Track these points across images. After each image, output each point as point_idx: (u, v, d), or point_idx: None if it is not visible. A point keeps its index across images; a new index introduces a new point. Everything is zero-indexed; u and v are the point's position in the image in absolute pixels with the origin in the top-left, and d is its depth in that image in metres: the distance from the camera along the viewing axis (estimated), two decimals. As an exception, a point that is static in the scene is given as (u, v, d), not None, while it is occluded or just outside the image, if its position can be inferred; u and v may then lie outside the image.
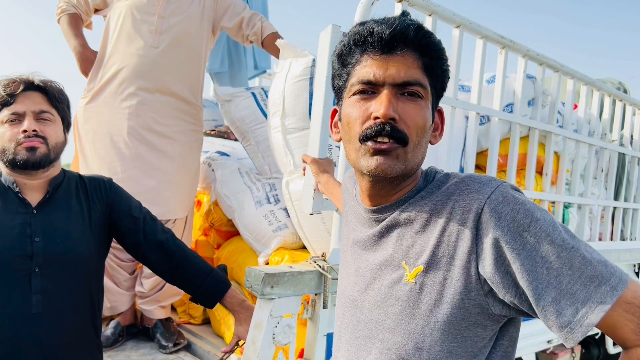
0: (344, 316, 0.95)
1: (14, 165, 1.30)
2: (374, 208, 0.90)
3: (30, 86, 1.34)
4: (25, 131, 1.29)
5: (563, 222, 2.79)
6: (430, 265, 0.80)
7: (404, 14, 0.85)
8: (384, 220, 0.89)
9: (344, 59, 0.87)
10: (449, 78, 0.88)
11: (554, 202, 2.71)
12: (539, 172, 2.71)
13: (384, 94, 0.80)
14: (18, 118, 1.31)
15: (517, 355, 1.68)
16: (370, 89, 0.82)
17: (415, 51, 0.81)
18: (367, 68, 0.82)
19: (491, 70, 2.56)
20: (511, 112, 2.45)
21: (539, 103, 2.54)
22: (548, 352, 3.05)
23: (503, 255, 0.75)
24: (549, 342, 2.75)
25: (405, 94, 0.81)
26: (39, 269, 1.27)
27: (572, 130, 2.76)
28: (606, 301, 0.70)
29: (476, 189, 0.79)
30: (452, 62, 2.04)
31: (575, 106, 2.96)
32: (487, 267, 0.76)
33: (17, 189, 1.32)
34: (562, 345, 3.18)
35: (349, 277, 0.96)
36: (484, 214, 0.76)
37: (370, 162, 0.81)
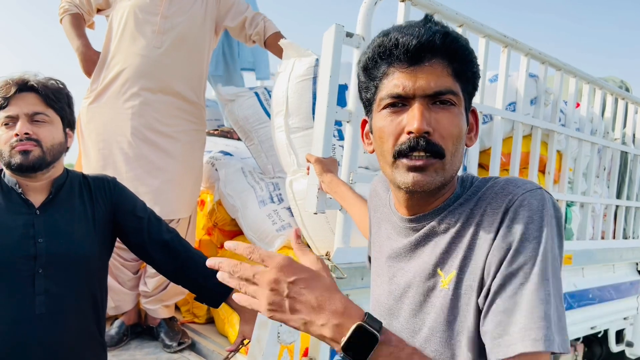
0: None
1: (10, 168, 1.29)
2: (411, 217, 0.88)
3: (23, 87, 1.31)
4: (17, 134, 1.27)
5: (566, 220, 2.80)
6: (464, 269, 0.78)
7: (427, 18, 0.82)
8: (421, 229, 0.86)
9: (369, 72, 0.84)
10: (479, 77, 0.85)
11: (556, 201, 2.72)
12: (542, 170, 2.71)
13: (416, 107, 0.78)
14: (12, 121, 1.29)
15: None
16: (400, 102, 0.80)
17: (444, 58, 0.79)
18: (395, 81, 0.80)
19: (494, 69, 2.57)
20: (514, 110, 2.46)
21: (541, 102, 2.55)
22: (551, 350, 3.05)
23: (507, 251, 0.73)
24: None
25: (437, 102, 0.79)
26: (43, 269, 1.26)
27: (574, 129, 2.77)
28: (536, 345, 0.67)
29: (509, 191, 0.77)
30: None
31: (578, 105, 2.97)
32: (493, 259, 0.75)
33: (20, 190, 1.31)
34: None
35: (382, 286, 0.95)
36: (510, 211, 0.75)
37: (407, 179, 0.79)
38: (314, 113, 1.79)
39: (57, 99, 1.36)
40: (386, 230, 0.97)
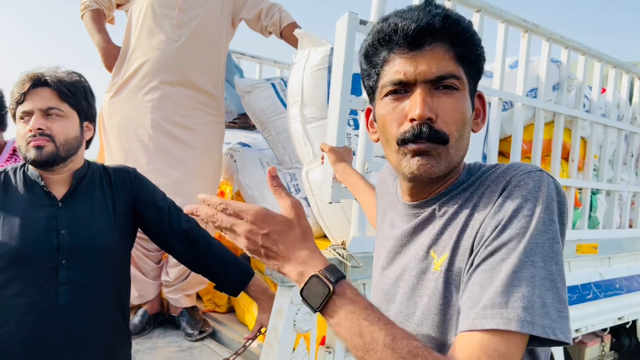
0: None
1: (30, 162, 1.32)
2: (413, 203, 0.87)
3: (38, 82, 1.32)
4: (31, 130, 1.30)
5: (590, 209, 2.73)
6: (456, 251, 0.76)
7: (428, 1, 0.80)
8: (422, 214, 0.85)
9: (370, 59, 0.83)
10: (485, 60, 0.82)
11: (580, 189, 2.66)
12: (565, 158, 2.65)
13: (418, 92, 0.76)
14: (28, 116, 1.32)
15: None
16: (402, 89, 0.78)
17: (445, 42, 0.77)
18: (396, 67, 0.78)
19: (514, 54, 2.52)
20: (535, 97, 2.40)
21: (564, 87, 2.48)
22: (577, 340, 3.00)
23: (495, 228, 0.71)
24: (576, 330, 2.70)
25: (440, 87, 0.77)
26: (66, 260, 1.29)
27: (599, 115, 2.69)
28: (508, 324, 0.64)
29: (509, 173, 0.76)
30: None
31: (604, 90, 2.88)
32: (480, 235, 0.73)
33: (42, 183, 1.34)
34: (591, 334, 3.13)
35: (382, 271, 0.94)
36: (505, 190, 0.73)
37: (412, 164, 0.78)
38: (329, 103, 1.78)
39: (72, 93, 1.36)
40: (391, 217, 0.97)
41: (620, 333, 3.51)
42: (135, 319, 2.41)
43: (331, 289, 0.68)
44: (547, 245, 0.69)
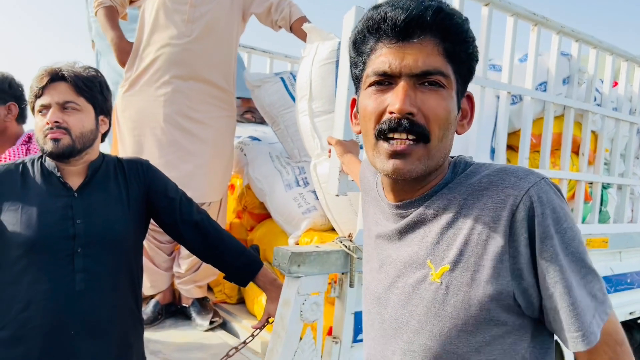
0: (370, 312, 0.92)
1: (47, 154, 1.37)
2: (398, 203, 0.85)
3: (55, 77, 1.37)
4: (47, 123, 1.34)
5: (601, 203, 2.72)
6: (457, 264, 0.75)
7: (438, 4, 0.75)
8: (408, 215, 0.83)
9: (358, 47, 0.80)
10: (477, 60, 0.79)
11: (591, 183, 2.65)
12: (575, 152, 2.64)
13: (401, 85, 0.74)
14: (46, 109, 1.36)
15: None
16: (386, 80, 0.76)
17: (435, 36, 0.74)
18: (382, 57, 0.75)
19: (524, 48, 2.50)
20: (545, 90, 2.39)
21: (574, 81, 2.47)
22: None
23: (534, 256, 0.73)
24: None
25: (426, 83, 0.74)
26: (81, 249, 1.33)
27: (611, 109, 2.67)
28: (603, 318, 0.73)
29: (512, 183, 0.73)
30: (481, 41, 2.02)
31: (615, 83, 2.86)
32: (522, 266, 0.73)
33: (58, 174, 1.39)
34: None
35: (372, 273, 0.92)
36: (519, 212, 0.71)
37: (386, 166, 0.76)
38: (336, 96, 1.80)
39: (88, 87, 1.40)
40: (374, 215, 0.94)
41: (631, 328, 3.49)
42: (147, 309, 2.46)
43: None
44: (580, 245, 0.74)
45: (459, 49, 0.76)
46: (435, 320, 0.77)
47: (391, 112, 0.74)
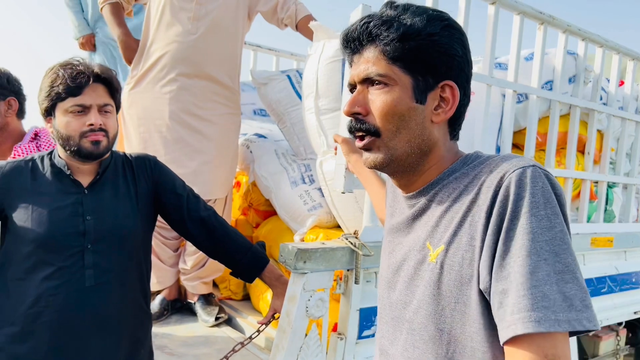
0: (382, 297, 0.97)
1: (76, 154, 1.36)
2: (409, 194, 0.91)
3: (96, 78, 1.37)
4: (91, 125, 1.34)
5: (607, 202, 2.72)
6: (451, 244, 0.79)
7: (369, 16, 0.86)
8: (417, 204, 0.89)
9: (348, 60, 0.93)
10: (437, 52, 0.81)
11: (597, 182, 2.64)
12: (581, 150, 2.63)
13: (355, 92, 0.87)
14: (84, 110, 1.36)
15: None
16: (353, 89, 0.89)
17: (371, 43, 0.84)
18: (350, 70, 0.89)
19: (530, 47, 2.51)
20: (550, 89, 2.39)
21: (580, 80, 2.47)
22: (591, 334, 2.99)
23: (499, 232, 0.73)
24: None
25: (374, 84, 0.84)
26: (91, 245, 1.35)
27: (617, 108, 2.67)
28: (573, 324, 0.66)
29: (502, 168, 0.76)
30: (487, 39, 2.02)
31: (622, 82, 2.85)
32: (494, 247, 0.73)
33: (68, 172, 1.40)
34: (606, 328, 3.11)
35: (385, 260, 0.99)
36: (500, 192, 0.74)
37: (363, 158, 0.89)
38: (342, 94, 1.81)
39: (118, 90, 1.44)
40: (394, 207, 1.01)
41: (635, 327, 3.49)
42: (153, 305, 2.49)
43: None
44: (557, 239, 0.70)
45: (399, 47, 0.82)
46: (431, 300, 0.81)
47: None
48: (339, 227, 2.18)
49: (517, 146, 2.50)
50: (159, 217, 1.60)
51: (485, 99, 1.99)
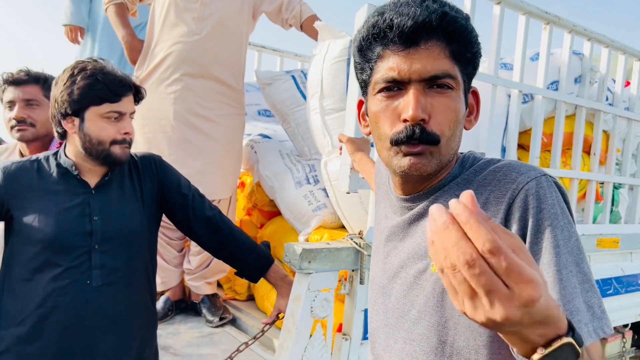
0: (375, 302, 0.94)
1: (103, 159, 1.38)
2: (406, 197, 0.87)
3: (131, 87, 1.42)
4: (127, 133, 1.39)
5: (612, 203, 2.70)
6: None
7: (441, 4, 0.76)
8: (415, 207, 0.85)
9: (364, 53, 0.81)
10: (481, 55, 0.80)
11: (602, 183, 2.63)
12: (587, 151, 2.62)
13: (411, 92, 0.75)
14: (120, 116, 1.38)
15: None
16: (395, 86, 0.77)
17: (442, 40, 0.75)
18: (390, 64, 0.76)
19: (535, 47, 2.50)
20: (556, 90, 2.38)
21: (586, 80, 2.45)
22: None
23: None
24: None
25: (435, 86, 0.76)
26: (98, 245, 1.35)
27: (623, 108, 2.65)
28: (599, 333, 0.65)
29: (513, 178, 0.74)
30: (493, 39, 2.02)
31: (628, 83, 2.84)
32: None
33: (76, 172, 1.39)
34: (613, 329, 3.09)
35: (378, 264, 0.94)
36: (515, 205, 0.72)
37: (403, 162, 0.78)
38: (347, 94, 1.81)
39: (142, 99, 1.48)
40: (384, 208, 0.97)
41: (641, 329, 3.47)
42: (158, 305, 2.48)
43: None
44: (575, 248, 0.70)
45: (464, 50, 0.77)
46: (434, 311, 0.78)
47: (405, 120, 0.76)
48: (343, 227, 2.18)
49: (523, 147, 2.49)
50: (164, 217, 1.60)
51: (491, 99, 1.98)
